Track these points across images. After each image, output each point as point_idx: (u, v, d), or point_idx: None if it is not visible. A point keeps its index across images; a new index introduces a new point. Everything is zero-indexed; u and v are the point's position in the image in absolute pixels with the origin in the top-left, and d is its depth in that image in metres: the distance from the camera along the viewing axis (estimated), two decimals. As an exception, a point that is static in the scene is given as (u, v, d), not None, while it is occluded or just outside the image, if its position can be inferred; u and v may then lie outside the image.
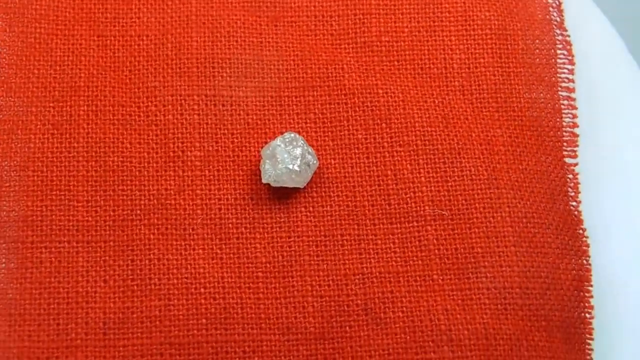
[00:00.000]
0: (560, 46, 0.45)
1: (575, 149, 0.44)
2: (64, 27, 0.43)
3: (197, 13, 0.43)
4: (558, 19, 0.45)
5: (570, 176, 0.43)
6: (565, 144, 0.44)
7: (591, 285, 0.41)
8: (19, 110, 0.41)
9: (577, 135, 0.44)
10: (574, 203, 0.43)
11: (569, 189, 0.43)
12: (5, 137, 0.40)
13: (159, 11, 0.43)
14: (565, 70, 0.45)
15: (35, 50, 0.42)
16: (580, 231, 0.42)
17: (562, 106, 0.44)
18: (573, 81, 0.45)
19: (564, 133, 0.44)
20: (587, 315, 0.41)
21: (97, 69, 0.42)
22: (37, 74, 0.42)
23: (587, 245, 0.42)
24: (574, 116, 0.44)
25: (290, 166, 0.39)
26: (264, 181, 0.40)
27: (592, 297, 0.41)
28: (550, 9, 0.46)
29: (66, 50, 0.42)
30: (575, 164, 0.44)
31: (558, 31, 0.45)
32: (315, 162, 0.40)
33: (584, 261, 0.42)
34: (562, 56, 0.45)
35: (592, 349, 0.41)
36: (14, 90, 0.41)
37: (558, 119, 0.44)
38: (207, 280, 0.39)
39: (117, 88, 0.42)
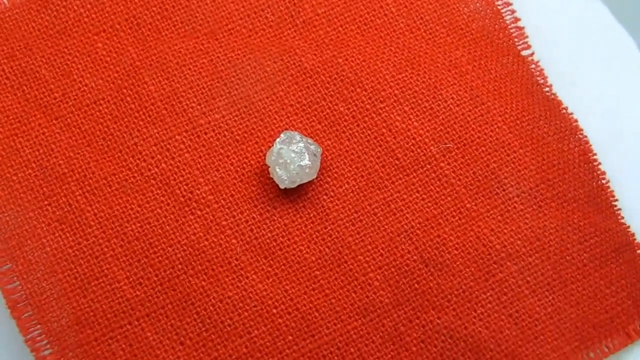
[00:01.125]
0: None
1: (526, 40, 0.46)
2: (20, 124, 0.41)
3: (139, 58, 0.43)
4: None
5: (533, 66, 0.45)
6: (515, 39, 0.46)
7: (595, 154, 0.44)
8: (17, 222, 0.40)
9: (523, 28, 0.46)
10: (547, 89, 0.45)
11: (537, 78, 0.45)
12: (19, 252, 0.39)
13: (103, 70, 0.42)
14: (488, -26, 0.47)
15: (5, 158, 0.40)
16: (564, 111, 0.45)
17: (499, 7, 0.46)
18: (498, -18, 0.47)
19: (511, 31, 0.46)
20: (604, 181, 0.44)
21: (72, 151, 0.41)
22: (17, 180, 0.40)
23: (576, 121, 0.44)
24: (513, 12, 0.46)
25: (302, 163, 0.40)
26: (282, 187, 0.40)
27: (600, 163, 0.44)
28: None
29: (33, 144, 0.41)
30: (532, 54, 0.46)
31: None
32: (318, 149, 0.41)
33: (580, 135, 0.44)
34: (478, -38, 0.47)
35: (620, 209, 0.43)
36: (3, 205, 0.40)
37: (501, 20, 0.46)
38: (274, 299, 0.39)
39: (101, 160, 0.41)
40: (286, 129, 0.42)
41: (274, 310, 0.39)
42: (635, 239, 0.43)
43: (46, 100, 0.42)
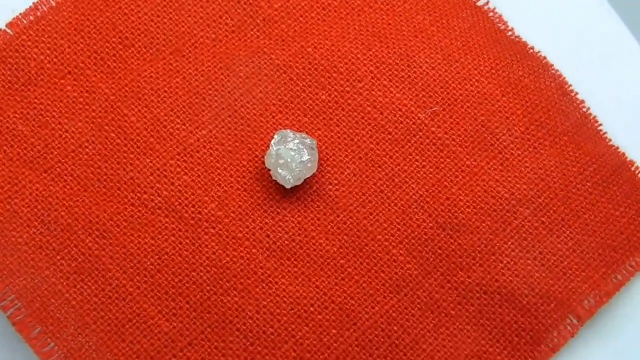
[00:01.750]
0: None
1: (480, -9, 0.47)
2: (11, 185, 0.40)
3: (112, 92, 0.42)
4: None
5: (491, 14, 0.46)
6: None
7: (571, 86, 0.45)
8: (35, 283, 0.39)
9: (474, -21, 0.47)
10: (510, 33, 0.46)
11: (499, 25, 0.46)
12: (45, 314, 0.38)
13: (79, 113, 0.41)
14: None
15: (5, 223, 0.40)
16: (532, 50, 0.45)
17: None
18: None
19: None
20: (585, 109, 0.45)
21: (70, 200, 0.40)
22: (23, 242, 0.39)
23: (545, 58, 0.45)
24: (460, -34, 0.47)
25: (303, 159, 0.40)
26: (288, 187, 0.40)
27: (577, 93, 0.45)
28: None
29: (29, 202, 0.40)
30: (487, 3, 0.46)
31: None
32: (313, 141, 0.41)
33: (553, 71, 0.45)
34: None
35: (605, 132, 0.45)
36: (17, 270, 0.39)
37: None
38: (308, 297, 0.39)
39: (102, 202, 0.40)
40: (276, 129, 0.42)
41: (312, 309, 0.39)
42: (627, 158, 0.44)
43: (30, 155, 0.41)
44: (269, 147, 0.41)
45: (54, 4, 0.43)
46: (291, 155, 0.40)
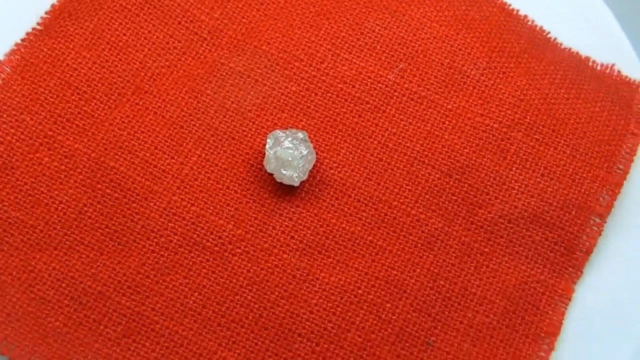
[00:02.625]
0: None
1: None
2: (26, 272, 0.39)
3: (90, 150, 0.41)
4: None
5: None
6: None
7: (511, 5, 0.47)
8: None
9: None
10: None
11: None
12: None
13: (66, 179, 0.40)
14: None
15: (36, 314, 0.39)
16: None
17: None
18: None
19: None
20: (530, 22, 0.46)
21: (92, 267, 0.39)
22: (60, 324, 0.38)
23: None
24: None
25: (303, 153, 0.40)
26: (297, 185, 0.40)
27: (519, 10, 0.46)
28: None
29: (51, 283, 0.39)
30: (407, -50, 0.47)
31: None
32: (304, 133, 0.41)
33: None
34: None
35: (555, 38, 0.46)
36: (67, 355, 0.38)
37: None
38: (352, 282, 0.40)
39: (123, 260, 0.39)
40: (260, 134, 0.42)
41: (360, 291, 0.40)
42: (581, 55, 0.46)
43: (34, 237, 0.39)
44: (263, 152, 0.41)
45: (0, 82, 0.41)
46: (290, 154, 0.40)
